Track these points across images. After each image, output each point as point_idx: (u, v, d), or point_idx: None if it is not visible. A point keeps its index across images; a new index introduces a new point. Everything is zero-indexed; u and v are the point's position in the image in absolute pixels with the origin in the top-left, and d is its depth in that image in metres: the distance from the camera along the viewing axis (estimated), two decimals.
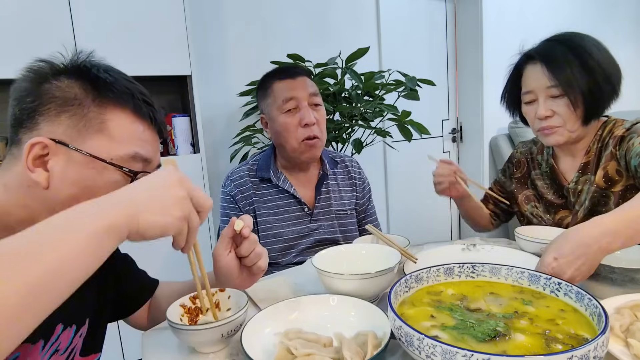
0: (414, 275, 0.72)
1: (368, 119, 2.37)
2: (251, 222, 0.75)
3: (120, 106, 0.63)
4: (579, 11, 3.98)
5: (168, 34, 1.96)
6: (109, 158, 0.61)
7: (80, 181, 0.60)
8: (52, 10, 1.72)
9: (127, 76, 0.68)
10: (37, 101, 0.60)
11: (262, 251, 0.77)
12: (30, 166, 0.59)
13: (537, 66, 1.10)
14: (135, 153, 0.64)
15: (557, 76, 1.05)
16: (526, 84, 1.14)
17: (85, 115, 0.61)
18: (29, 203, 0.61)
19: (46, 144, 0.59)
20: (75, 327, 0.69)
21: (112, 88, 0.63)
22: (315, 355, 0.58)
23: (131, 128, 0.64)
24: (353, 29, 2.94)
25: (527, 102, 1.14)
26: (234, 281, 0.77)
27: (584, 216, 1.13)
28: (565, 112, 1.07)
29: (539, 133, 1.15)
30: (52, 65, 0.63)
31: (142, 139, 0.65)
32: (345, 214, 1.38)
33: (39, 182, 0.59)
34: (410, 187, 3.42)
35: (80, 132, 0.61)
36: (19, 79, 0.63)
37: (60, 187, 0.60)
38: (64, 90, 0.61)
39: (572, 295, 0.65)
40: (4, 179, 0.62)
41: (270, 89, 1.28)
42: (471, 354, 0.47)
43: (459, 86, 3.67)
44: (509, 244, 1.19)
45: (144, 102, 0.66)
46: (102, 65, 0.66)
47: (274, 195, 1.31)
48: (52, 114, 0.60)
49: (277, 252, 1.30)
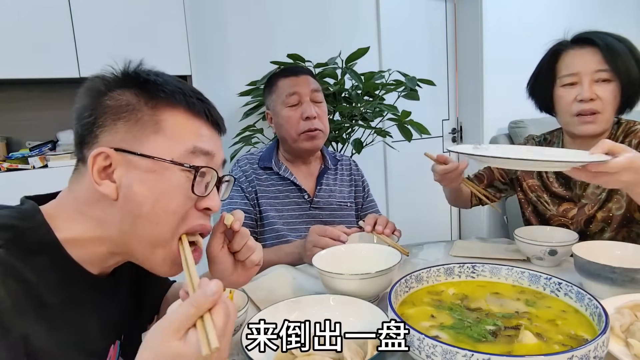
0: (414, 275, 0.72)
1: (368, 119, 2.37)
2: (242, 216, 0.74)
3: (173, 105, 0.63)
4: (579, 11, 3.98)
5: (168, 34, 1.95)
6: (169, 157, 0.60)
7: (146, 187, 0.59)
8: (52, 10, 1.72)
9: (177, 78, 0.67)
10: (94, 115, 0.60)
11: (254, 245, 0.77)
12: (96, 179, 0.58)
13: (586, 49, 1.10)
14: (194, 147, 0.62)
15: (612, 60, 1.06)
16: (569, 66, 1.12)
17: (139, 119, 0.60)
18: (100, 216, 0.61)
19: (108, 153, 0.58)
20: (119, 342, 0.70)
21: (162, 89, 0.62)
22: (315, 355, 0.58)
23: (186, 125, 0.63)
24: (353, 29, 2.94)
25: (566, 85, 1.12)
26: (228, 277, 0.76)
27: (594, 212, 1.14)
28: (609, 97, 1.07)
29: (574, 120, 1.12)
30: (104, 79, 0.63)
31: (199, 133, 0.64)
32: (346, 205, 1.42)
33: (107, 195, 0.58)
34: (410, 187, 3.41)
35: (137, 136, 0.60)
36: (78, 98, 0.63)
37: (128, 196, 0.59)
38: (116, 99, 0.61)
39: (572, 295, 0.65)
40: (74, 193, 0.62)
41: (275, 86, 1.35)
42: (471, 354, 0.47)
43: (459, 86, 3.66)
44: (509, 243, 1.20)
45: (197, 99, 0.65)
46: (151, 70, 0.65)
47: (276, 181, 1.35)
48: (109, 124, 0.60)
49: (275, 238, 1.31)
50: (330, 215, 1.38)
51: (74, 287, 0.61)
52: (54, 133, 1.93)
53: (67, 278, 0.60)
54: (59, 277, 0.59)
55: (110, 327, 0.68)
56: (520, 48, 3.32)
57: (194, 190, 0.61)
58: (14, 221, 0.58)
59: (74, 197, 0.62)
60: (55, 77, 1.77)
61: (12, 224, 0.57)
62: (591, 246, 0.89)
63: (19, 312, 0.52)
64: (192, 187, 0.61)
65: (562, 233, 1.05)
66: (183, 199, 0.61)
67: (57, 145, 1.92)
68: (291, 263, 1.13)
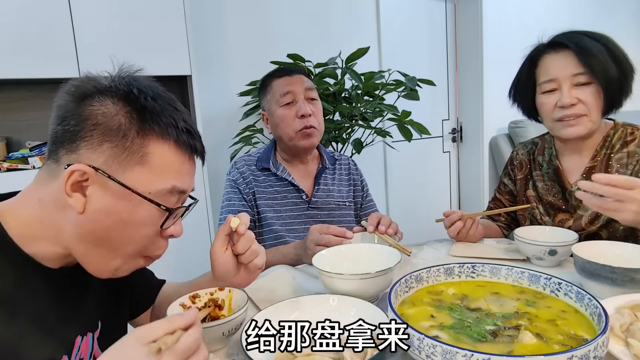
0: (414, 275, 0.72)
1: (368, 119, 2.37)
2: (247, 220, 0.75)
3: (163, 138, 0.62)
4: (580, 11, 3.98)
5: (168, 34, 1.95)
6: (146, 192, 0.60)
7: (115, 212, 0.60)
8: (52, 10, 1.72)
9: (172, 101, 0.66)
10: (80, 125, 0.59)
11: (258, 249, 0.77)
12: (68, 191, 0.58)
13: (561, 54, 1.08)
14: (173, 187, 0.63)
15: (587, 63, 1.03)
16: (547, 72, 1.10)
17: (128, 147, 0.59)
18: (61, 223, 0.61)
19: (86, 171, 0.58)
20: (91, 334, 0.70)
21: (157, 121, 0.61)
22: (315, 355, 0.58)
23: (172, 160, 0.63)
24: (353, 29, 2.94)
25: (546, 92, 1.11)
26: (231, 279, 0.77)
27: (589, 221, 1.11)
28: (591, 99, 1.05)
29: (558, 124, 1.10)
30: (96, 83, 0.61)
31: (181, 171, 0.64)
32: (345, 205, 1.42)
33: (75, 207, 0.59)
34: (410, 187, 3.42)
35: (121, 163, 0.59)
36: (62, 94, 0.61)
37: (94, 214, 0.59)
38: (108, 117, 0.59)
39: (572, 295, 0.65)
40: (40, 193, 0.62)
41: (270, 86, 1.35)
42: (471, 354, 0.47)
43: (459, 86, 3.67)
44: (509, 243, 1.20)
45: (187, 132, 0.64)
46: (149, 90, 0.63)
47: (274, 182, 1.35)
48: (95, 142, 0.59)
49: (274, 239, 1.31)
50: (329, 215, 1.37)
51: (30, 282, 0.61)
52: None
53: (23, 273, 0.60)
54: (15, 273, 0.59)
55: (78, 317, 0.68)
56: (520, 48, 3.31)
57: (163, 226, 0.64)
58: None
59: (39, 198, 0.62)
60: (55, 77, 1.77)
61: None
62: (591, 246, 0.89)
63: None
64: (162, 223, 0.63)
65: (562, 233, 1.05)
66: (152, 230, 0.63)
67: None
68: (289, 264, 1.13)
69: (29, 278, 0.61)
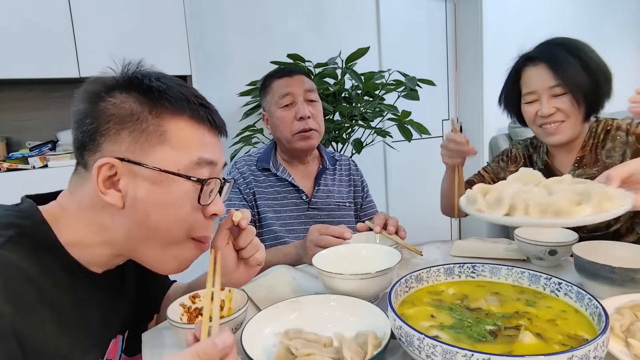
0: (414, 275, 0.72)
1: (368, 119, 2.37)
2: (249, 215, 0.76)
3: (178, 114, 0.62)
4: (580, 11, 3.98)
5: (168, 34, 1.95)
6: (175, 169, 0.61)
7: (151, 197, 0.60)
8: (52, 10, 1.72)
9: (179, 81, 0.66)
10: (96, 122, 0.60)
11: (259, 243, 0.78)
12: (102, 189, 0.58)
13: (538, 67, 1.14)
14: (200, 158, 0.63)
15: (560, 75, 1.10)
16: (528, 85, 1.17)
17: (144, 129, 0.60)
18: (106, 222, 0.61)
19: (112, 163, 0.58)
20: (121, 336, 0.71)
21: (166, 97, 0.62)
22: (315, 355, 0.58)
23: (191, 134, 0.63)
24: (353, 29, 2.94)
25: (529, 102, 1.18)
26: (230, 275, 0.76)
27: None
28: (569, 107, 1.11)
29: (540, 130, 1.17)
30: (104, 82, 0.62)
31: (203, 142, 0.64)
32: (345, 205, 1.42)
33: (113, 204, 0.59)
34: (410, 187, 3.41)
35: (143, 146, 0.60)
36: (76, 100, 0.62)
37: (133, 205, 0.60)
38: (119, 106, 0.60)
39: (572, 295, 0.65)
40: (77, 198, 0.62)
41: (270, 87, 1.35)
42: (471, 354, 0.47)
43: (459, 86, 3.67)
44: (509, 243, 1.20)
45: (200, 105, 0.65)
46: (152, 73, 0.64)
47: (274, 182, 1.35)
48: (112, 133, 0.59)
49: (274, 239, 1.31)
50: (329, 215, 1.37)
51: (79, 288, 0.61)
52: (54, 133, 1.93)
53: (73, 279, 0.61)
54: (64, 278, 0.59)
55: (114, 321, 0.69)
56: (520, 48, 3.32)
57: (200, 201, 0.63)
58: (15, 219, 0.58)
59: (77, 202, 0.62)
60: (55, 77, 1.77)
61: (14, 222, 0.58)
62: (591, 246, 0.89)
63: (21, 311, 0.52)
64: (198, 198, 0.62)
65: (562, 233, 1.05)
66: (190, 209, 0.63)
67: (57, 145, 1.91)
68: (289, 264, 1.13)
69: (78, 284, 0.61)
